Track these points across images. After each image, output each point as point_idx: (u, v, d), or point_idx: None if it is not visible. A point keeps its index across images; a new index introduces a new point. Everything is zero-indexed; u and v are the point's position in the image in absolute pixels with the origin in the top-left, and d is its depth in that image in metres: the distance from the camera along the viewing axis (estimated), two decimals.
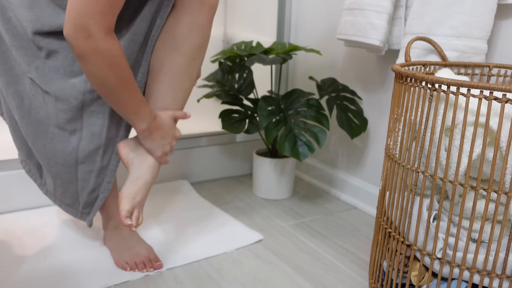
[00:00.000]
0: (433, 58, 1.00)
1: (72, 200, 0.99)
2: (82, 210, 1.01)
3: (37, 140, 0.92)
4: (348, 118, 1.32)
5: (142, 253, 1.03)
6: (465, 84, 0.65)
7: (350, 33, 1.18)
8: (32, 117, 0.90)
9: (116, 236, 1.06)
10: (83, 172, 0.94)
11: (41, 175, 1.03)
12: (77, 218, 1.02)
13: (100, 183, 0.97)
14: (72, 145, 0.91)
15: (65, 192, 0.98)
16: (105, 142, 0.93)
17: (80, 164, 0.93)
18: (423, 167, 0.79)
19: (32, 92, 0.89)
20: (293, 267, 1.07)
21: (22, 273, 0.98)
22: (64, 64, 0.86)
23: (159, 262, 1.02)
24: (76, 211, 1.02)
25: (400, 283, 0.82)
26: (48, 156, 0.92)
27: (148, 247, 1.05)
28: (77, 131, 0.90)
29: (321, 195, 1.54)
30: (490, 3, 0.95)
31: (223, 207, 1.41)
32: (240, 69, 1.45)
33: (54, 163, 0.93)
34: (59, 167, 0.93)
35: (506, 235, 0.78)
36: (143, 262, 1.01)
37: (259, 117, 1.28)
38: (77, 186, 0.96)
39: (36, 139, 0.92)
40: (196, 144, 1.60)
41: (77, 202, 0.99)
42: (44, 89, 0.86)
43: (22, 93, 0.90)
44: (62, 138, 0.91)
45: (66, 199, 1.00)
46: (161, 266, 1.02)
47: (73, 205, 1.01)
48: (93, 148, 0.92)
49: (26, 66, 0.86)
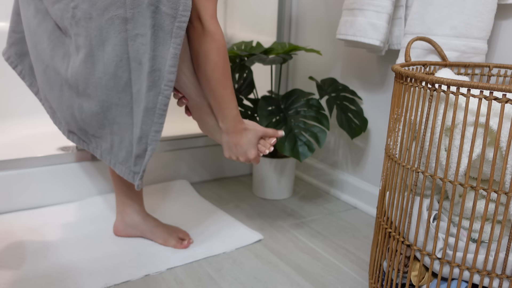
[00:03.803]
0: (433, 58, 1.00)
1: (127, 153, 0.96)
2: (134, 167, 0.97)
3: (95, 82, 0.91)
4: (348, 118, 1.32)
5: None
6: (465, 84, 0.65)
7: (350, 33, 1.18)
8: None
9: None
10: (137, 113, 0.92)
11: (90, 140, 1.01)
12: (129, 179, 0.98)
13: (147, 131, 0.91)
14: (123, 79, 0.90)
15: (122, 141, 0.95)
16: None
17: (134, 104, 0.91)
18: (423, 167, 0.79)
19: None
20: (293, 267, 1.07)
21: (22, 273, 0.98)
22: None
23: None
24: (128, 171, 0.98)
25: (400, 283, 0.82)
26: (103, 98, 0.91)
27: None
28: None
29: (321, 195, 1.54)
30: (490, 3, 0.95)
31: (223, 207, 1.41)
32: (240, 69, 1.45)
33: (108, 106, 0.92)
34: (113, 109, 0.92)
35: (506, 235, 0.78)
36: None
37: (259, 117, 1.28)
38: (132, 132, 0.93)
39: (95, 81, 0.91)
40: (196, 144, 1.60)
41: (130, 156, 0.96)
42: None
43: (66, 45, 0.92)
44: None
45: (121, 152, 0.97)
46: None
47: (127, 162, 0.97)
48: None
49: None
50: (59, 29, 0.94)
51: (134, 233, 1.16)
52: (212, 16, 0.88)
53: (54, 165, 1.33)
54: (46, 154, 1.32)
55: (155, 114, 0.89)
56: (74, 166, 1.36)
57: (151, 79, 0.86)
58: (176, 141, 1.56)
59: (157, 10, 0.82)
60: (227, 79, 0.93)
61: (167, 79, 0.86)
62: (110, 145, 0.97)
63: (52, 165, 1.33)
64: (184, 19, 0.83)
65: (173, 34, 0.84)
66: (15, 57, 1.07)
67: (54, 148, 1.60)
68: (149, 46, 0.84)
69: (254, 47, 1.48)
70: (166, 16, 0.83)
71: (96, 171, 1.40)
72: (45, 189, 1.33)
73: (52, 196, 1.34)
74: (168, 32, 0.84)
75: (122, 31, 0.86)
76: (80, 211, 1.31)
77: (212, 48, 0.89)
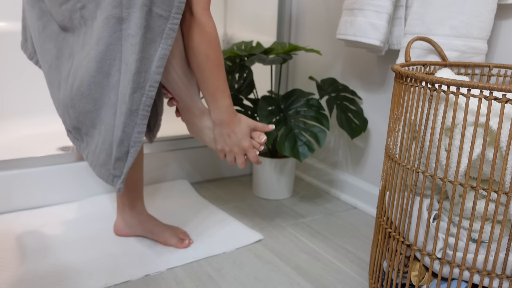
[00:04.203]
0: (433, 58, 1.00)
1: (107, 155, 0.95)
2: (113, 170, 0.96)
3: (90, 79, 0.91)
4: (348, 118, 1.32)
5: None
6: (465, 84, 0.65)
7: (350, 33, 1.18)
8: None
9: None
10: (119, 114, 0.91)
11: (82, 138, 1.01)
12: (108, 183, 0.98)
13: (129, 133, 0.90)
14: (114, 78, 0.90)
15: (103, 143, 0.95)
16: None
17: (118, 105, 0.91)
18: (423, 167, 0.79)
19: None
20: (293, 267, 1.07)
21: (22, 273, 0.98)
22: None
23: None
24: (108, 173, 0.97)
25: (400, 283, 0.82)
26: (96, 97, 0.92)
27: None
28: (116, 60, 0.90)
29: (321, 195, 1.54)
30: (490, 3, 0.95)
31: (223, 207, 1.41)
32: (240, 69, 1.45)
33: (101, 104, 0.93)
34: (104, 108, 0.93)
35: (506, 235, 0.78)
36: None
37: (259, 117, 1.28)
38: (113, 134, 0.93)
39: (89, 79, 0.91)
40: (196, 144, 1.60)
41: (110, 159, 0.95)
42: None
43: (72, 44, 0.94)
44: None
45: (101, 154, 0.96)
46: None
47: (106, 165, 0.97)
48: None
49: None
50: (64, 30, 0.95)
51: (134, 233, 1.16)
52: (204, 8, 0.88)
53: (54, 165, 1.33)
54: (46, 154, 1.32)
55: (138, 116, 0.89)
56: (74, 166, 1.36)
57: (136, 81, 0.86)
58: (176, 141, 1.56)
59: (150, 12, 0.83)
60: (220, 70, 0.93)
61: (152, 80, 0.86)
62: (95, 145, 0.98)
63: (52, 165, 1.33)
64: (176, 21, 0.84)
65: (164, 35, 0.85)
66: (35, 53, 1.09)
67: (54, 148, 1.61)
68: (138, 47, 0.84)
69: (254, 47, 1.48)
70: (159, 18, 0.83)
71: None
72: (45, 189, 1.33)
73: (52, 196, 1.34)
74: (159, 33, 0.84)
75: (117, 31, 0.86)
76: (80, 211, 1.31)
77: (203, 39, 0.89)
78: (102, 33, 0.86)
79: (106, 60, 0.88)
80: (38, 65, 1.09)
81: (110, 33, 0.86)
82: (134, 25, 0.84)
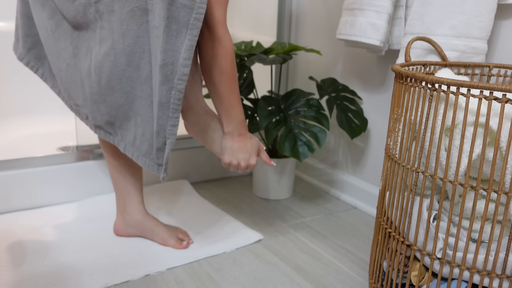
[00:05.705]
0: (433, 58, 1.00)
1: (149, 146, 0.96)
2: (157, 159, 0.97)
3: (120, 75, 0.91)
4: (348, 118, 1.32)
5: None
6: (465, 84, 0.65)
7: (350, 33, 1.18)
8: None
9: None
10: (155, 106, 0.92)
11: (116, 132, 1.01)
12: (154, 171, 0.99)
13: (163, 125, 0.91)
14: (145, 71, 0.90)
15: (144, 134, 0.95)
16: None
17: (154, 97, 0.92)
18: (423, 167, 0.79)
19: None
20: (293, 267, 1.07)
21: (22, 273, 0.98)
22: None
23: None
24: (152, 163, 0.98)
25: (400, 283, 0.82)
26: (128, 90, 0.92)
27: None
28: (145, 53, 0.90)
29: (321, 195, 1.54)
30: (490, 3, 0.95)
31: (223, 207, 1.41)
32: (240, 69, 1.45)
33: (133, 97, 0.93)
34: (137, 100, 0.93)
35: (506, 235, 0.78)
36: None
37: (259, 117, 1.28)
38: (152, 125, 0.93)
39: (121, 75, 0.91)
40: (196, 144, 1.60)
41: (152, 148, 0.96)
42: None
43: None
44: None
45: (143, 145, 0.97)
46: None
47: (150, 154, 0.97)
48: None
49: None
50: (76, 27, 0.94)
51: (134, 233, 1.16)
52: (219, 21, 0.87)
53: (54, 165, 1.33)
54: (46, 154, 1.32)
55: (169, 109, 0.89)
56: (74, 166, 1.36)
57: (163, 73, 0.85)
58: (176, 141, 1.56)
59: (173, 2, 0.82)
60: (234, 83, 0.93)
61: (180, 73, 0.85)
62: (134, 137, 0.97)
63: (52, 165, 1.33)
64: (201, 11, 0.82)
65: (190, 25, 0.83)
66: (35, 61, 1.06)
67: (54, 148, 1.60)
68: (162, 38, 0.83)
69: (254, 47, 1.48)
70: (183, 8, 0.82)
71: (96, 171, 1.40)
72: (45, 189, 1.33)
73: (52, 196, 1.34)
74: (184, 24, 0.83)
75: (144, 23, 0.85)
76: (80, 211, 1.31)
77: (219, 53, 0.89)
78: (128, 26, 0.86)
79: (135, 53, 0.87)
80: (29, 66, 1.07)
81: (138, 25, 0.85)
82: (158, 16, 0.83)
